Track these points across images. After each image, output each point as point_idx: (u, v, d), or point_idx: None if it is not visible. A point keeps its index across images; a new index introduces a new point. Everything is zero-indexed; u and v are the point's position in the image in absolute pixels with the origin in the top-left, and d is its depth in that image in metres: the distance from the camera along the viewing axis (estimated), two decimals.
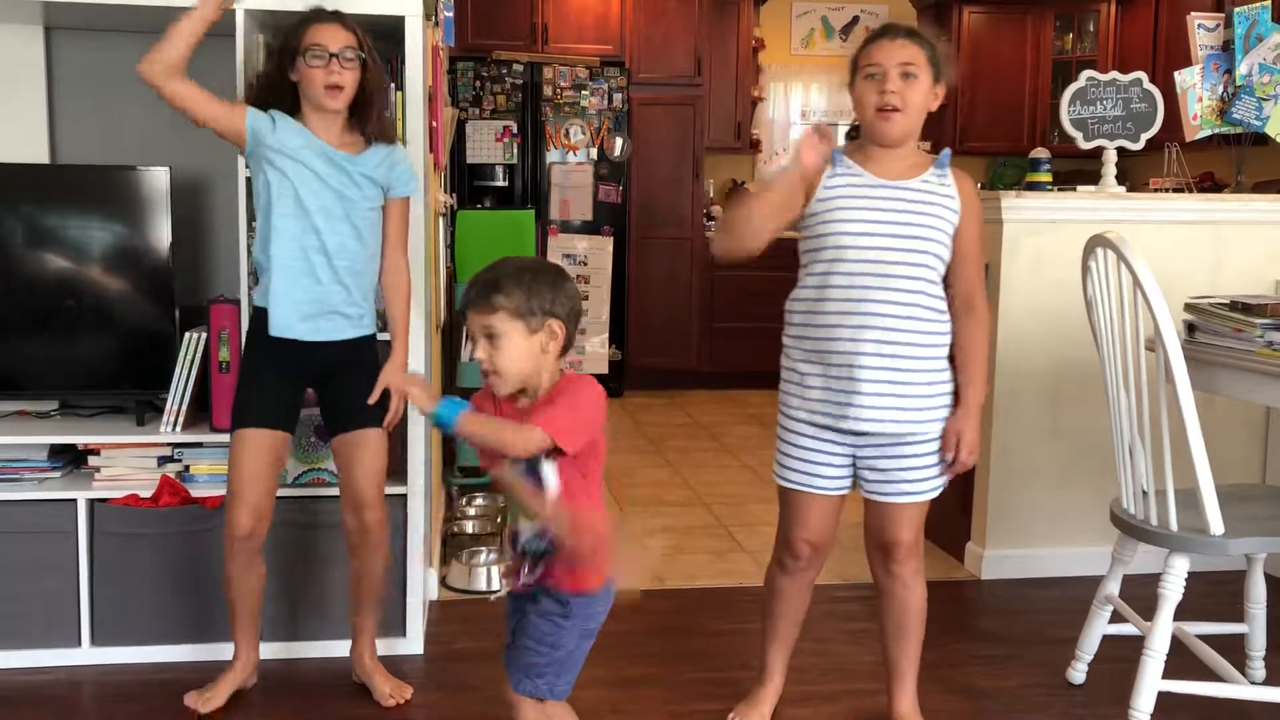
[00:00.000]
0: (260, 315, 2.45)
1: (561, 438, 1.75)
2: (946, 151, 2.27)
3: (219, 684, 2.54)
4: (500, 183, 6.61)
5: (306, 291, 2.41)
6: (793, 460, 2.29)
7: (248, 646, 2.58)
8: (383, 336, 2.69)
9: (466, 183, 6.51)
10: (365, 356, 2.53)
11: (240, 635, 2.57)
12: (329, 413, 2.55)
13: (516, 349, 1.77)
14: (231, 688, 2.55)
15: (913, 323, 2.15)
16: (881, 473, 2.24)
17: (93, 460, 2.84)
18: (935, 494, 2.28)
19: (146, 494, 2.77)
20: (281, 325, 2.42)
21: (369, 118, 2.45)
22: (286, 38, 2.38)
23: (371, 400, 2.46)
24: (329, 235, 2.41)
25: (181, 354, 2.82)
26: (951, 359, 2.24)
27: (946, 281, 2.23)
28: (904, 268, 2.13)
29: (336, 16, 2.39)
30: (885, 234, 2.14)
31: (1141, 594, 2.76)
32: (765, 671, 2.51)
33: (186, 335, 2.83)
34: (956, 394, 2.25)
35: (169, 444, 2.84)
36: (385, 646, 2.82)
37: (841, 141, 2.33)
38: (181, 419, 2.81)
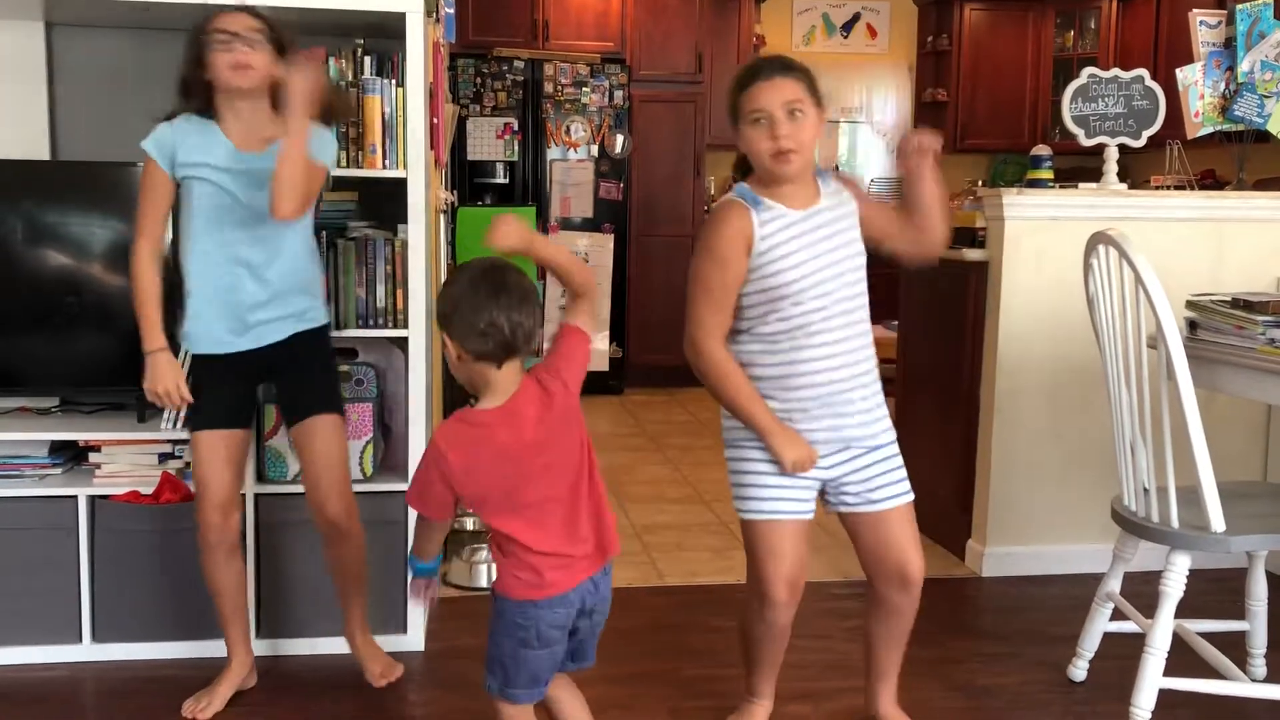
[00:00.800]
0: (192, 334, 2.46)
1: (410, 499, 1.91)
2: (819, 168, 2.22)
3: (216, 688, 2.52)
4: (501, 180, 6.61)
5: (231, 308, 2.40)
6: (757, 489, 2.19)
7: (240, 646, 2.58)
8: (395, 333, 2.70)
9: (467, 180, 6.51)
10: (316, 347, 2.53)
11: (231, 634, 2.56)
12: (285, 404, 2.57)
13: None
14: (230, 690, 2.54)
15: (865, 338, 2.19)
16: (864, 481, 2.20)
17: (93, 457, 2.84)
18: (910, 496, 2.25)
19: (147, 491, 2.77)
20: (211, 343, 2.43)
21: (278, 97, 2.37)
22: (197, 33, 2.36)
23: None
24: (248, 245, 2.38)
25: (182, 350, 2.81)
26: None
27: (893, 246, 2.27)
28: (852, 287, 2.16)
29: (242, 6, 2.39)
30: (828, 262, 2.13)
31: (1142, 591, 2.75)
32: (754, 694, 2.45)
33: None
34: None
35: (169, 441, 2.83)
36: (386, 644, 2.81)
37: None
38: (182, 416, 2.80)
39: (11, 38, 2.98)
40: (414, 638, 2.88)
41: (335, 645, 2.79)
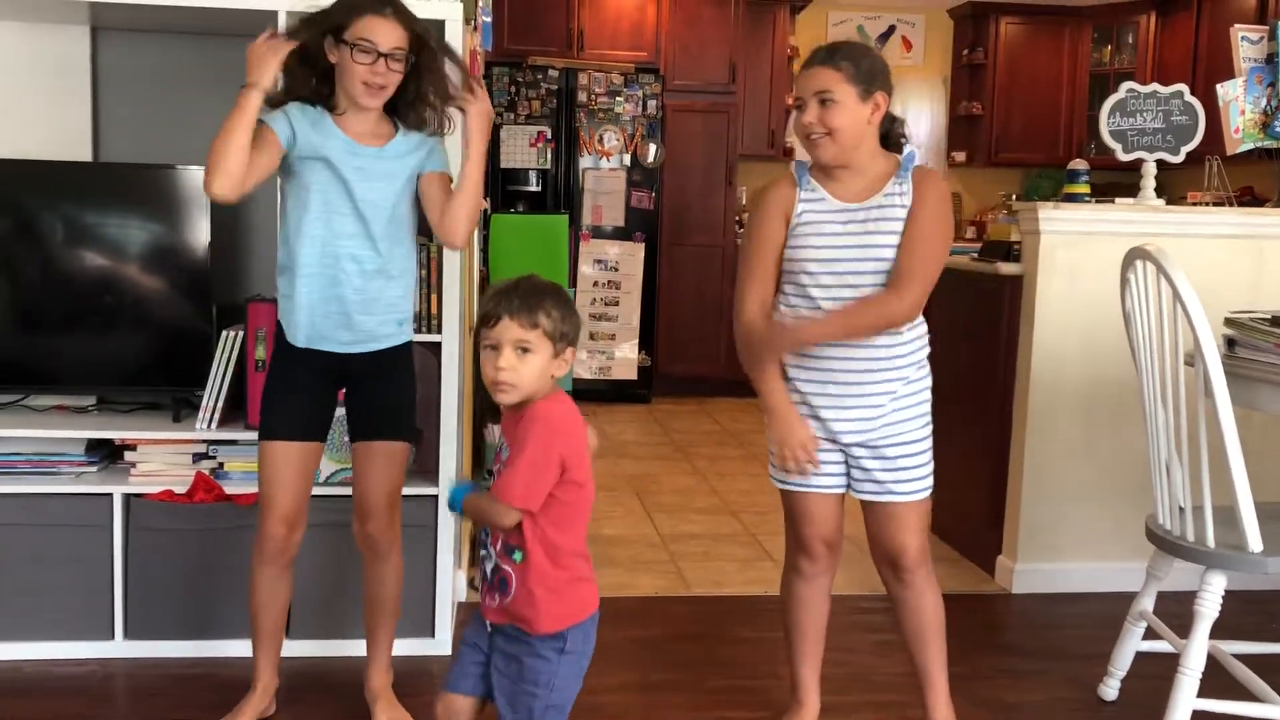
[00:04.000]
0: (286, 325, 2.37)
1: (523, 502, 1.77)
2: (910, 155, 2.26)
3: (242, 712, 2.45)
4: (534, 188, 6.63)
5: (338, 303, 2.31)
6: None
7: (269, 670, 2.48)
8: (430, 338, 2.71)
9: (500, 187, 6.54)
10: (400, 365, 2.45)
11: (263, 655, 2.47)
12: (353, 417, 2.46)
13: (540, 367, 1.79)
14: (255, 715, 2.47)
15: (885, 341, 2.21)
16: (866, 473, 2.27)
17: (129, 455, 2.87)
18: (922, 495, 2.28)
19: (181, 490, 2.80)
20: (310, 337, 2.34)
21: (412, 110, 2.34)
22: (333, 15, 2.23)
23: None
24: (359, 242, 2.30)
25: (218, 352, 2.84)
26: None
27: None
28: (867, 290, 2.19)
29: (392, 8, 2.24)
30: (843, 257, 2.20)
31: (1175, 611, 2.72)
32: (800, 691, 2.48)
33: (223, 333, 2.86)
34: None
35: (204, 441, 2.86)
36: (414, 647, 2.83)
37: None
38: (217, 416, 2.83)
39: (58, 42, 3.02)
40: (441, 642, 2.89)
41: (362, 648, 2.80)
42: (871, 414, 2.23)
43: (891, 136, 2.29)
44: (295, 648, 2.79)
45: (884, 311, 2.17)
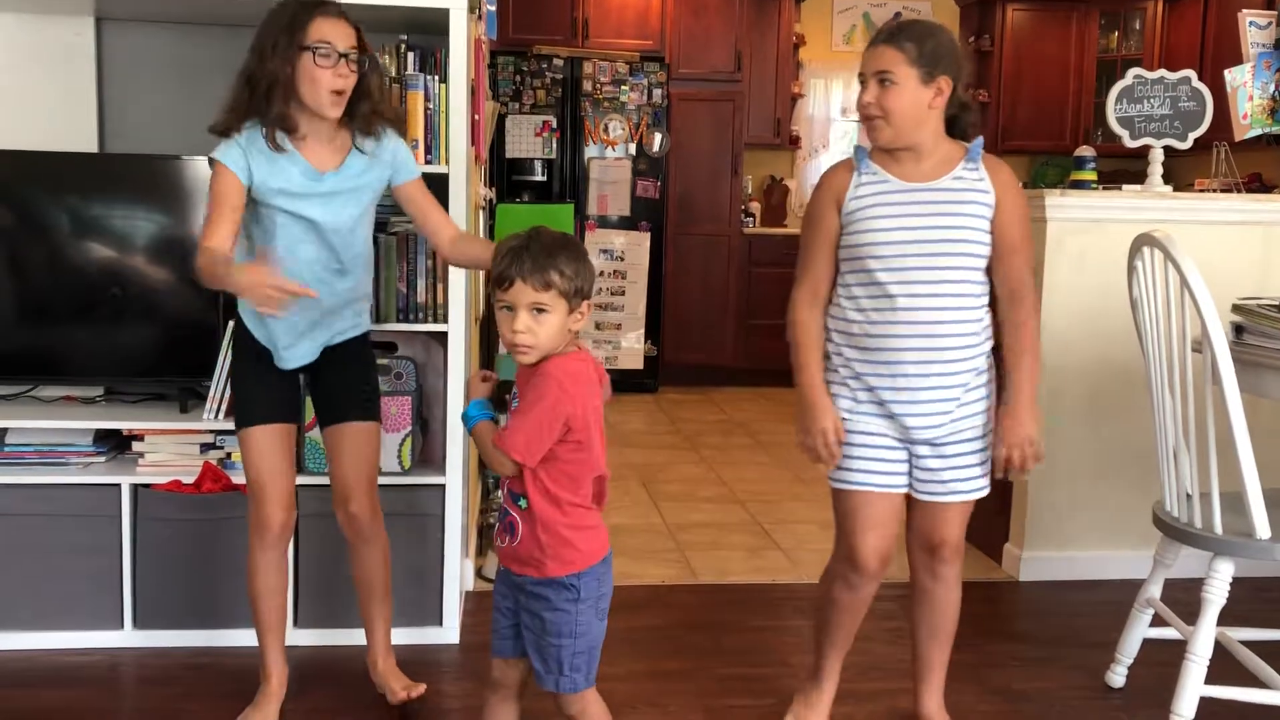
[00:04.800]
0: (248, 331, 2.37)
1: (522, 456, 1.79)
2: (978, 141, 2.20)
3: (265, 711, 2.43)
4: (539, 177, 6.63)
5: (307, 325, 2.34)
6: (852, 460, 2.20)
7: (279, 660, 2.47)
8: (435, 327, 2.70)
9: (505, 177, 6.54)
10: (359, 351, 2.48)
11: (271, 646, 2.45)
12: (321, 402, 2.48)
13: (557, 326, 1.79)
14: (277, 710, 2.45)
15: (957, 325, 2.13)
16: (930, 471, 2.20)
17: (136, 446, 2.88)
18: (983, 493, 2.23)
19: (189, 480, 2.80)
20: (284, 359, 2.36)
21: (358, 113, 2.29)
22: (285, 25, 2.17)
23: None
24: (323, 265, 2.31)
25: (225, 343, 2.84)
26: (996, 351, 2.20)
27: (990, 273, 2.19)
28: (942, 271, 2.11)
29: (339, 9, 2.22)
30: (918, 239, 2.11)
31: (1182, 599, 2.72)
32: (820, 675, 2.44)
33: (230, 324, 2.85)
34: (1001, 385, 2.21)
35: (211, 431, 2.87)
36: (421, 636, 2.84)
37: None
38: (224, 407, 2.83)
39: (63, 32, 3.02)
40: (449, 630, 2.90)
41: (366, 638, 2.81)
42: (945, 409, 2.15)
43: (959, 124, 2.20)
44: (300, 637, 2.80)
45: (1036, 330, 2.16)
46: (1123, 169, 6.60)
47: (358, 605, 2.57)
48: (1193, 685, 2.31)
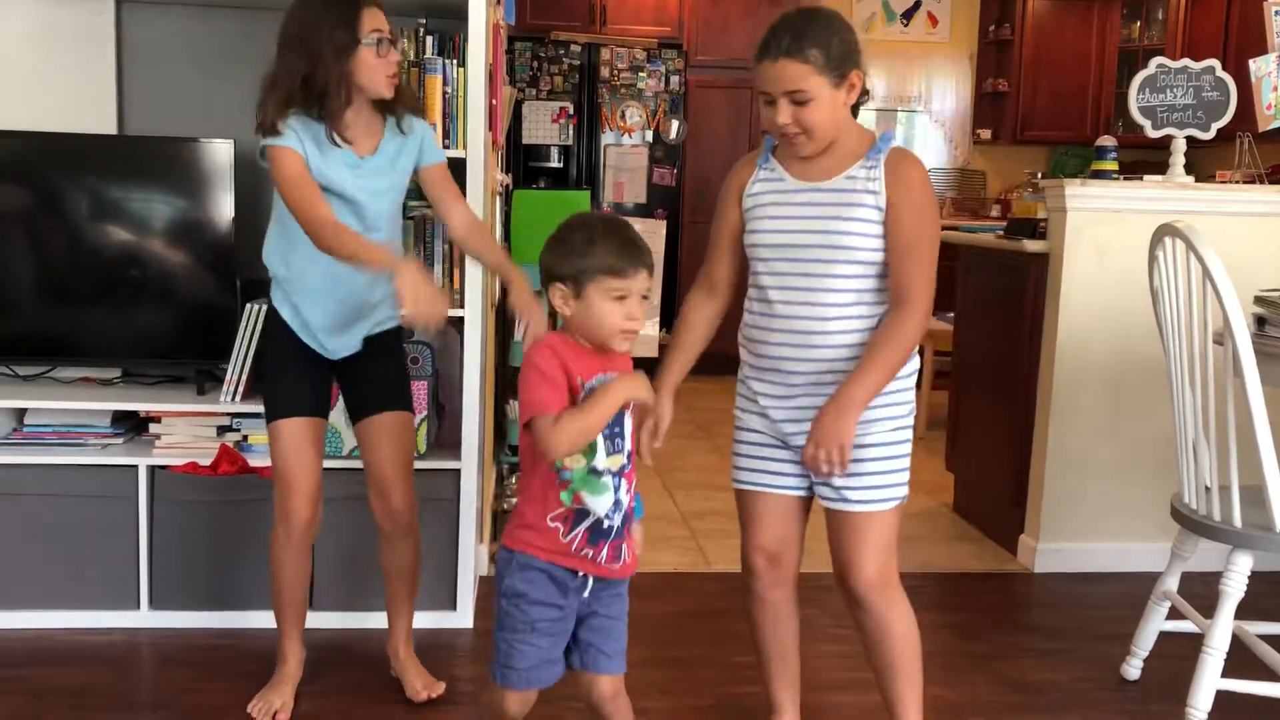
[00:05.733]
0: (281, 318, 2.37)
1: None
2: (886, 135, 2.01)
3: (283, 691, 2.45)
4: (555, 164, 6.62)
5: (336, 314, 2.34)
6: (739, 459, 2.13)
7: (297, 645, 2.50)
8: (451, 313, 2.70)
9: (522, 163, 6.53)
10: (392, 342, 2.48)
11: (290, 632, 2.48)
12: (353, 397, 2.47)
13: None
14: (293, 690, 2.47)
15: (841, 336, 1.98)
16: (821, 477, 2.01)
17: (153, 428, 2.89)
18: (886, 507, 2.02)
19: (205, 462, 2.82)
20: (323, 347, 2.37)
21: (402, 97, 2.33)
22: (336, 22, 2.19)
23: (521, 339, 2.38)
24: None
25: (242, 326, 2.85)
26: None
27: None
28: (823, 279, 1.97)
29: None
30: (798, 243, 1.98)
31: (1198, 592, 2.71)
32: (773, 707, 2.28)
33: (247, 307, 2.86)
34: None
35: (228, 414, 2.88)
36: (436, 620, 2.85)
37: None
38: (241, 389, 2.85)
39: (83, 15, 3.03)
40: (463, 615, 2.91)
41: (385, 619, 2.82)
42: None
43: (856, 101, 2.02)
44: (319, 619, 2.81)
45: (902, 336, 1.94)
46: (1143, 160, 6.55)
47: (382, 591, 2.58)
48: (1209, 678, 2.30)
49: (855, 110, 2.03)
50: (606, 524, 1.81)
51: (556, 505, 1.80)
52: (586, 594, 1.85)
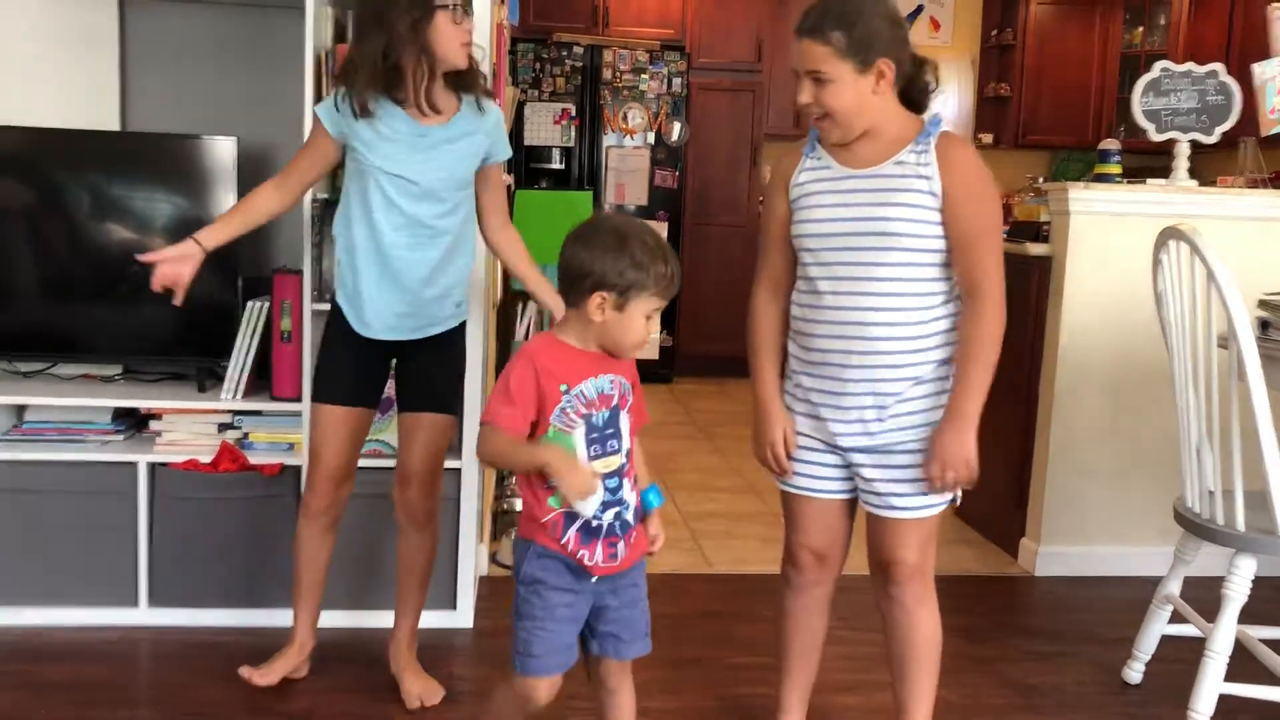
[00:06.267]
0: (339, 305, 2.38)
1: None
2: (935, 120, 1.95)
3: (275, 662, 2.49)
4: (557, 165, 6.62)
5: (398, 298, 2.33)
6: (791, 462, 2.09)
7: (307, 628, 2.52)
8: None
9: (524, 164, 6.53)
10: (454, 343, 2.48)
11: (302, 613, 2.51)
12: (403, 389, 2.48)
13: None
14: (286, 669, 2.50)
15: (890, 328, 1.93)
16: (867, 482, 2.02)
17: (154, 425, 2.89)
18: (932, 511, 2.01)
19: (206, 459, 2.81)
20: (378, 329, 2.36)
21: (476, 68, 2.32)
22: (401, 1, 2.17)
23: (522, 339, 2.43)
24: (425, 229, 2.30)
25: (243, 323, 2.85)
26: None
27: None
28: (872, 267, 1.91)
29: None
30: (850, 231, 1.93)
31: (1200, 596, 2.70)
32: (781, 709, 2.28)
33: (249, 305, 2.86)
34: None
35: (229, 411, 2.87)
36: (436, 619, 2.84)
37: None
38: (242, 387, 2.84)
39: (87, 11, 3.02)
40: (463, 615, 2.90)
41: (391, 619, 2.81)
42: (868, 415, 1.96)
43: (915, 87, 1.97)
44: (325, 618, 2.79)
45: (986, 332, 1.91)
46: (1145, 165, 6.55)
47: (387, 590, 2.59)
48: (1211, 682, 2.29)
49: (921, 102, 1.99)
50: (595, 523, 1.81)
51: (548, 510, 1.80)
52: (594, 582, 1.85)
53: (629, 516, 1.85)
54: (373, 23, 2.21)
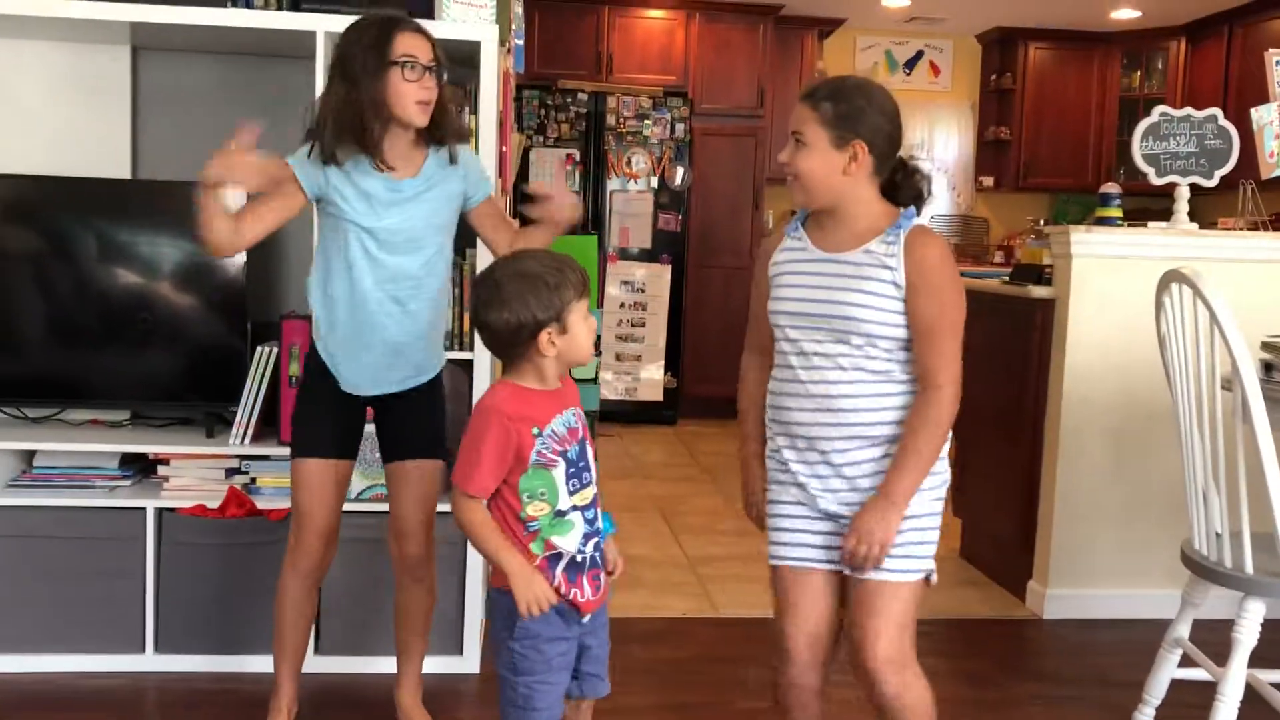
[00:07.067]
0: (319, 357, 2.37)
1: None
2: (909, 213, 1.98)
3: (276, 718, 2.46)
4: None
5: (375, 353, 2.32)
6: (783, 534, 2.05)
7: (292, 684, 2.47)
8: (461, 355, 2.71)
9: None
10: (433, 388, 2.46)
11: (286, 671, 2.46)
12: (385, 438, 2.46)
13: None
14: None
15: (857, 400, 1.95)
16: (857, 568, 1.97)
17: (162, 470, 2.89)
18: (908, 577, 1.96)
19: (213, 505, 2.81)
20: (358, 388, 2.36)
21: (443, 124, 2.32)
22: (368, 45, 2.19)
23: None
24: (401, 282, 2.30)
25: (252, 368, 2.86)
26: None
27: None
28: (837, 346, 1.95)
29: (417, 24, 2.27)
30: (813, 312, 1.97)
31: (1209, 639, 2.68)
32: None
33: (258, 350, 2.88)
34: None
35: (237, 456, 2.88)
36: (442, 665, 2.83)
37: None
38: (250, 432, 2.85)
39: (100, 61, 3.07)
40: (470, 660, 2.89)
41: (389, 665, 2.80)
42: (850, 484, 1.97)
43: (903, 190, 2.01)
44: (323, 664, 2.80)
45: (931, 422, 1.92)
46: (1145, 207, 6.59)
47: (392, 635, 2.56)
48: None
49: (898, 193, 2.01)
50: (580, 558, 1.86)
51: (532, 557, 1.82)
52: (584, 623, 1.89)
53: (591, 550, 1.90)
54: (338, 74, 2.24)
